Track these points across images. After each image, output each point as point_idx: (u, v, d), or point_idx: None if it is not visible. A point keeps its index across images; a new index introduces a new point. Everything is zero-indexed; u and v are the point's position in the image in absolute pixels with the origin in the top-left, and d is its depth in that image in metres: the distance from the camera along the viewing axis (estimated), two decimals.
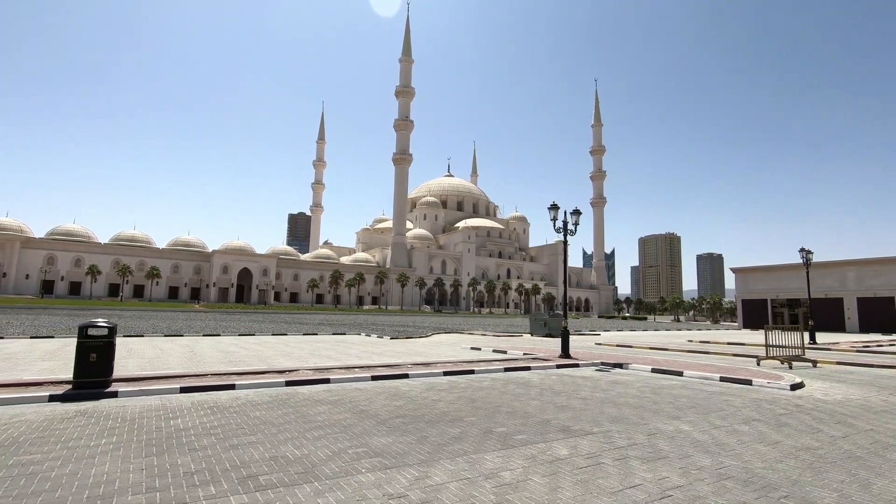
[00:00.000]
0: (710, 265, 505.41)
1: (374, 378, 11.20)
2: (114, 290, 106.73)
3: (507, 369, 13.33)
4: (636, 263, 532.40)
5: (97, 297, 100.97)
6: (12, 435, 6.02)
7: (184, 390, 9.15)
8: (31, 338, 19.69)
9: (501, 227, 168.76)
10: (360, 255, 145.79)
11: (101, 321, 9.03)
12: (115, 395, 8.61)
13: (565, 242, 16.76)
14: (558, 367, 14.39)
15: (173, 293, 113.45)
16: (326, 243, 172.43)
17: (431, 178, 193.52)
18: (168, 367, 12.22)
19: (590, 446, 6.11)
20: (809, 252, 30.64)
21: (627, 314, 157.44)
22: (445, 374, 12.22)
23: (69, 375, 9.78)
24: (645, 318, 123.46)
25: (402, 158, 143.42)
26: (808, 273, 32.37)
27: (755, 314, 56.10)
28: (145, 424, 6.72)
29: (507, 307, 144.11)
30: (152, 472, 4.79)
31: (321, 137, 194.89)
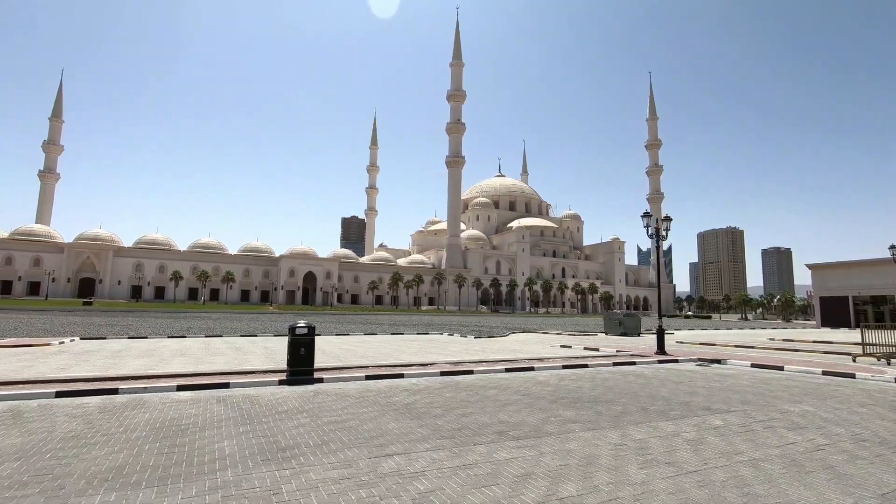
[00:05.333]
0: (778, 260, 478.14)
1: (508, 370, 13.08)
2: (193, 293, 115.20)
3: (615, 364, 14.88)
4: (695, 260, 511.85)
5: (179, 301, 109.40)
6: (292, 406, 8.28)
7: (369, 378, 11.36)
8: (172, 337, 23.04)
9: (555, 225, 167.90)
10: (416, 256, 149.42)
11: (301, 322, 11.38)
12: (321, 380, 10.91)
13: (658, 247, 18.05)
14: (660, 362, 15.76)
15: (245, 296, 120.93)
16: (382, 246, 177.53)
17: (482, 178, 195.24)
18: (331, 361, 14.62)
19: (737, 419, 7.68)
20: None
21: (690, 313, 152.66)
22: (564, 367, 13.94)
23: (262, 366, 12.35)
24: (709, 317, 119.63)
25: (455, 161, 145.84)
26: None
27: (834, 312, 54.10)
28: (378, 399, 8.87)
29: (564, 307, 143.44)
30: (430, 428, 6.82)
31: (374, 143, 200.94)
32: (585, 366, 14.34)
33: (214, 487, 4.49)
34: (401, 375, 11.77)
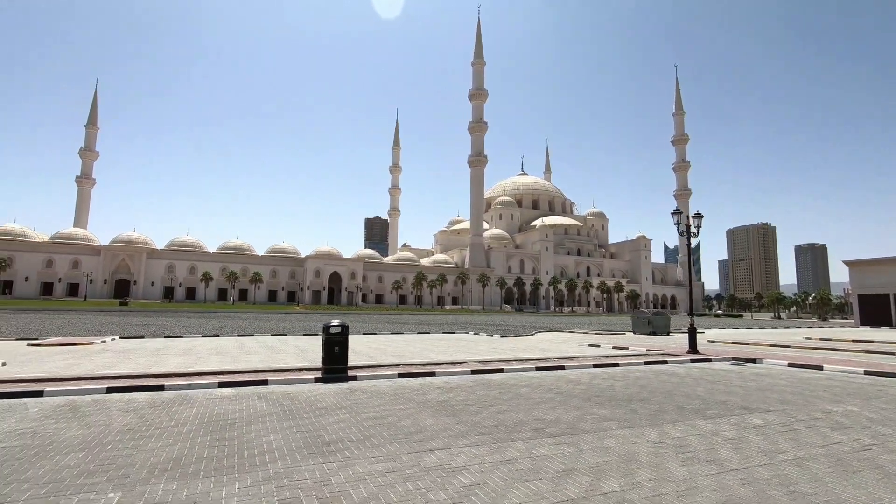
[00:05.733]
0: (812, 257, 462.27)
1: (538, 369, 13.10)
2: (222, 294, 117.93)
3: (646, 363, 14.73)
4: (724, 257, 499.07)
5: (210, 301, 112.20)
6: (330, 403, 8.50)
7: (401, 375, 11.54)
8: (205, 336, 23.72)
9: (579, 224, 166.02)
10: (439, 256, 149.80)
11: (335, 322, 11.62)
12: (355, 378, 11.14)
13: (689, 245, 17.77)
14: (693, 361, 15.52)
15: (272, 296, 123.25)
16: (405, 246, 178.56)
17: (504, 177, 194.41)
18: (362, 359, 14.88)
19: (777, 419, 7.56)
20: None
21: (719, 311, 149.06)
22: (595, 366, 13.88)
23: (296, 364, 12.65)
24: (740, 316, 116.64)
25: (477, 160, 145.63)
26: None
27: (874, 310, 52.12)
28: (413, 397, 9.02)
29: (589, 306, 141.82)
30: (467, 425, 6.93)
31: (396, 143, 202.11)
32: (616, 364, 14.24)
33: (267, 478, 4.69)
34: (432, 374, 11.91)
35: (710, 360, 15.73)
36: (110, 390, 9.10)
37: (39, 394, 8.67)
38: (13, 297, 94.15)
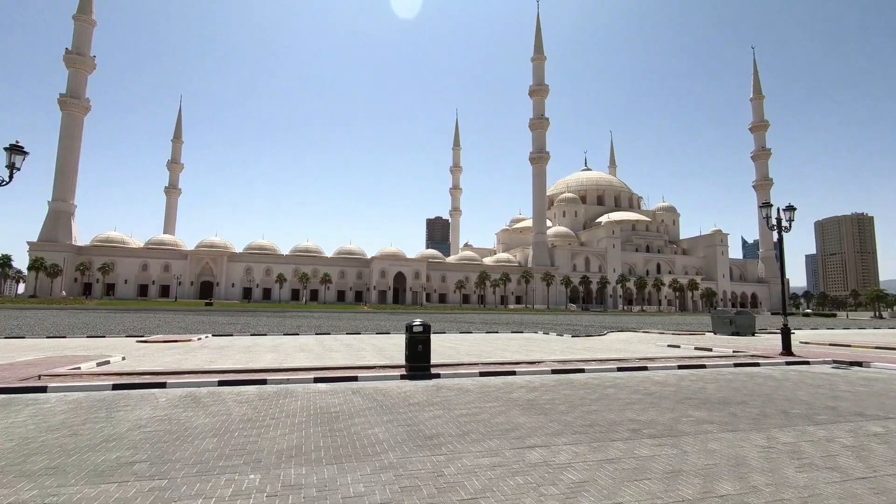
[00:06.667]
0: None
1: (620, 369, 12.83)
2: (295, 294, 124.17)
3: (736, 364, 14.00)
4: (811, 251, 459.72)
5: (284, 301, 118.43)
6: (421, 399, 8.82)
7: (482, 374, 11.73)
8: (287, 335, 25.12)
9: (647, 219, 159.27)
10: (502, 255, 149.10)
11: (417, 321, 11.99)
12: (438, 376, 11.45)
13: (781, 240, 16.67)
14: (787, 363, 14.56)
15: (340, 296, 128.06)
16: (467, 245, 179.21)
17: (567, 173, 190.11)
18: (438, 358, 15.24)
19: None
20: None
21: (809, 311, 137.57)
22: (680, 367, 13.38)
23: (378, 362, 13.19)
24: (833, 315, 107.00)
25: (539, 157, 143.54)
26: None
27: None
28: (499, 395, 9.18)
29: (660, 305, 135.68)
30: (561, 423, 6.98)
31: (456, 144, 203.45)
32: (703, 366, 13.65)
33: (384, 467, 5.02)
34: (513, 373, 12.00)
35: (807, 363, 14.68)
36: (221, 383, 9.97)
37: (163, 385, 9.67)
38: (115, 298, 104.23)
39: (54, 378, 10.00)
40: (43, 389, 9.08)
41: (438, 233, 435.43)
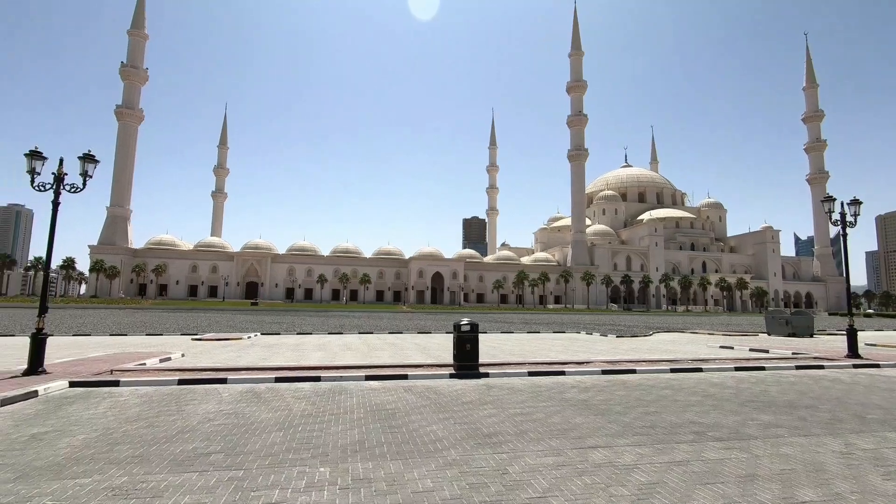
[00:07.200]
0: None
1: (673, 371, 12.46)
2: (335, 294, 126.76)
3: (798, 367, 13.35)
4: (872, 248, 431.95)
5: (325, 301, 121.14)
6: (473, 398, 8.84)
7: (531, 374, 11.65)
8: (331, 334, 25.66)
9: (692, 216, 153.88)
10: (540, 254, 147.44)
11: (465, 321, 12.02)
12: (487, 375, 11.44)
13: (844, 236, 15.78)
14: (855, 366, 13.77)
15: (379, 296, 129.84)
16: (504, 245, 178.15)
17: (607, 170, 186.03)
18: (483, 357, 15.24)
19: None
20: None
21: (870, 311, 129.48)
22: (737, 369, 12.87)
23: (423, 360, 13.29)
24: None
25: (577, 155, 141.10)
26: None
27: None
28: (551, 395, 9.10)
29: (706, 304, 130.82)
30: (619, 424, 6.85)
31: (493, 143, 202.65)
32: (762, 368, 13.08)
33: (447, 464, 5.07)
34: (562, 373, 11.86)
35: (877, 366, 13.83)
36: (278, 380, 10.30)
37: (224, 381, 10.08)
38: (168, 298, 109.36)
39: (125, 373, 10.59)
40: (116, 384, 9.64)
41: (475, 233, 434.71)
